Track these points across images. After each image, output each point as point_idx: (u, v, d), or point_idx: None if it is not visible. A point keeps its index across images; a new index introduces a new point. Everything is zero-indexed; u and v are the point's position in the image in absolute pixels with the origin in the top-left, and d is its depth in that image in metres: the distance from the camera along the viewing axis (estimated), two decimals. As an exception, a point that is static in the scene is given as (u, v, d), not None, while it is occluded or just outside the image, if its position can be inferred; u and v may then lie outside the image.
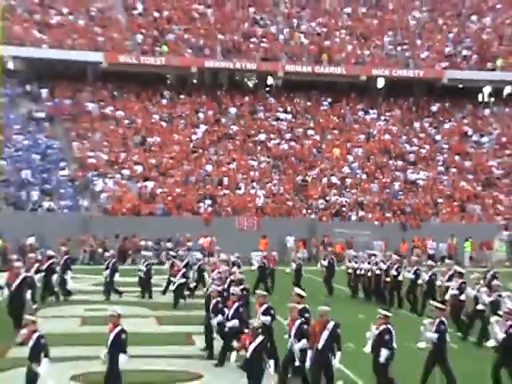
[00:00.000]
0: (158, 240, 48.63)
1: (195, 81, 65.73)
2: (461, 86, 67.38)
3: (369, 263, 33.60)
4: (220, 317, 20.39)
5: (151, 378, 18.96)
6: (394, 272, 31.35)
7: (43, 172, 52.81)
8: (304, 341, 16.93)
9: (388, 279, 31.62)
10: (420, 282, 30.02)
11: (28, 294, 25.76)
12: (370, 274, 33.16)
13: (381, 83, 68.19)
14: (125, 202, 51.07)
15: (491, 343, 20.12)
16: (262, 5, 69.56)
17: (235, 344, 16.86)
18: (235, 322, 19.87)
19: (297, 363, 16.95)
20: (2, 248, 44.06)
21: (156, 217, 50.39)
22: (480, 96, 69.56)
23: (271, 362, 15.66)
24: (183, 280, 30.65)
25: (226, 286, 23.33)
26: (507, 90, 69.64)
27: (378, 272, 32.60)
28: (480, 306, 24.01)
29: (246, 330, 16.73)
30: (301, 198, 54.86)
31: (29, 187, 51.10)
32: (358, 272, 34.09)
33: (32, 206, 49.79)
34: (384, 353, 16.34)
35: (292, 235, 50.47)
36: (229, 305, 20.52)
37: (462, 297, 25.80)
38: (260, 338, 15.56)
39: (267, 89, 67.06)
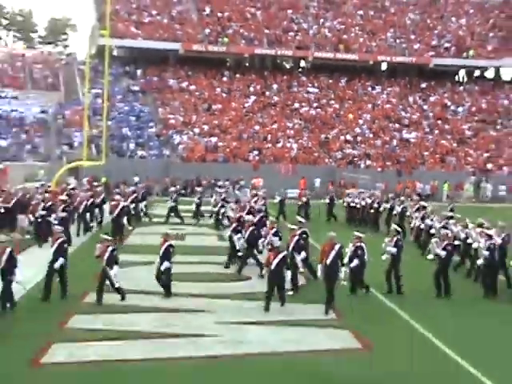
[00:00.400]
0: (216, 180, 48.08)
1: (247, 64, 64.94)
2: (443, 69, 65.85)
3: (358, 199, 32.88)
4: (239, 235, 20.20)
5: (207, 278, 19.02)
6: (375, 205, 30.76)
7: (137, 129, 52.91)
8: (303, 253, 17.09)
9: (372, 210, 30.90)
10: (394, 212, 29.49)
11: (124, 219, 25.67)
12: (358, 206, 32.35)
13: (384, 66, 67.01)
14: (196, 152, 51.06)
15: (430, 257, 19.84)
16: (297, 8, 68.21)
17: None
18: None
19: (301, 270, 16.95)
20: (106, 184, 44.27)
21: (218, 163, 50.29)
22: (457, 77, 68.21)
23: (288, 273, 15.52)
24: (216, 209, 30.00)
25: (244, 214, 22.98)
26: (477, 73, 68.42)
27: (363, 204, 31.85)
28: (432, 231, 23.56)
29: (269, 247, 16.80)
30: (324, 151, 54.39)
31: (127, 140, 51.31)
32: (351, 205, 33.06)
33: (129, 154, 50.03)
34: (355, 261, 16.77)
35: (319, 178, 49.86)
36: (246, 228, 20.21)
37: (422, 226, 25.39)
38: (282, 254, 15.34)
39: (300, 70, 65.96)
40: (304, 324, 14.55)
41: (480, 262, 18.44)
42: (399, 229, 18.41)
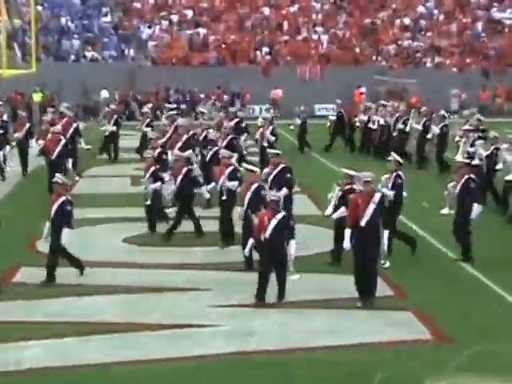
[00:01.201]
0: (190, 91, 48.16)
1: None
2: None
3: (377, 116, 32.86)
4: (157, 183, 20.00)
5: (192, 241, 19.34)
6: (400, 125, 30.77)
7: (84, 19, 52.66)
8: (284, 190, 17.73)
9: (395, 133, 30.94)
10: (429, 136, 29.49)
11: (69, 162, 25.20)
12: (375, 126, 32.53)
13: None
14: (174, 50, 50.88)
15: (445, 211, 19.45)
16: None
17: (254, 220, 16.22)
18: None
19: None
20: (40, 102, 44.33)
21: (209, 67, 50.18)
22: None
23: (292, 243, 15.08)
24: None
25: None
26: None
27: (382, 123, 32.05)
28: (476, 161, 23.01)
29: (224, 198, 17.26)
30: (369, 44, 54.08)
31: (68, 36, 51.10)
32: (369, 125, 33.15)
33: (73, 57, 49.89)
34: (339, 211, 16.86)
35: (363, 87, 49.42)
36: (175, 170, 20.30)
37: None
38: (281, 215, 15.04)
39: None
40: (341, 306, 14.82)
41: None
42: (400, 159, 18.34)
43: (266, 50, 52.00)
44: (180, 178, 19.58)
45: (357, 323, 13.98)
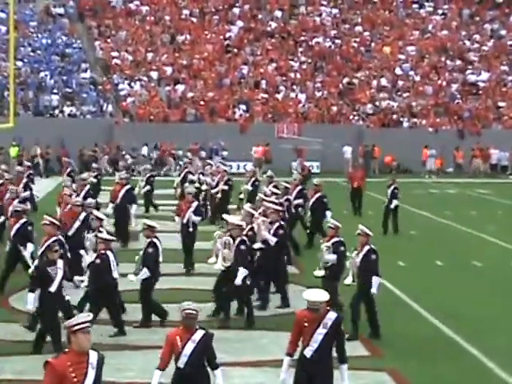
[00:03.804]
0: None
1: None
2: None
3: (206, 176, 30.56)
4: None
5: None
6: (222, 186, 28.49)
7: (63, 74, 52.80)
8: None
9: (219, 195, 28.52)
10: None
11: None
12: (204, 187, 29.69)
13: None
14: (153, 107, 51.05)
15: (319, 273, 18.49)
16: None
17: None
18: None
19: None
20: (17, 157, 44.27)
21: (186, 123, 50.32)
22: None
23: (218, 372, 10.89)
24: None
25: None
26: None
27: (204, 187, 29.55)
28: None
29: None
30: (347, 103, 54.47)
31: (47, 91, 51.20)
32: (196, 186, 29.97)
33: (52, 111, 49.97)
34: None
35: (350, 145, 49.47)
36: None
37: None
38: (200, 334, 10.54)
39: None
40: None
41: None
42: (154, 225, 17.09)
43: (243, 107, 52.26)
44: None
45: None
